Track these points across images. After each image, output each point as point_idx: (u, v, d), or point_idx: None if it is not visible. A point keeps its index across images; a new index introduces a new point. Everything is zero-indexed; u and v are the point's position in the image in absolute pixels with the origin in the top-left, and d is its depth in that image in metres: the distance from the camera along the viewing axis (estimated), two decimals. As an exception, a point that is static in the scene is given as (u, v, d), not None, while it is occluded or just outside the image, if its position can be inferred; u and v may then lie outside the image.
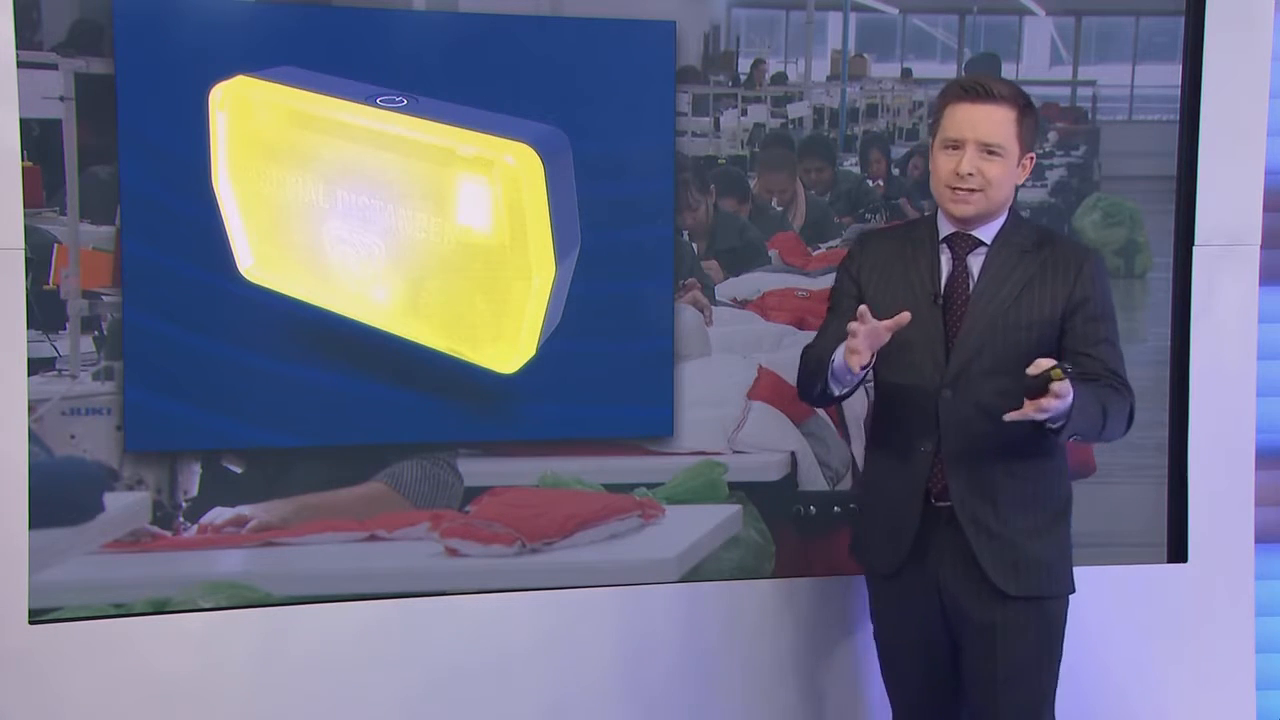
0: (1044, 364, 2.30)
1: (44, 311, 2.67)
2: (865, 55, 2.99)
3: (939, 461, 2.53)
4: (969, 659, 2.58)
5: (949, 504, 2.53)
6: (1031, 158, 2.56)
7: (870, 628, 2.76)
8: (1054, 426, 2.36)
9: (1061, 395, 2.29)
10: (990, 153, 2.49)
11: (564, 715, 2.93)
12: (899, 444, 2.59)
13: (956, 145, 2.51)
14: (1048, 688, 2.60)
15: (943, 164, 2.53)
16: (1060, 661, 2.61)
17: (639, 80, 2.84)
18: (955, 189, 2.51)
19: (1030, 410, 2.31)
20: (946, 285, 2.56)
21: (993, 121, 2.48)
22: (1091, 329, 2.53)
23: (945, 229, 2.59)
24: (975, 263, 2.56)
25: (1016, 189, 2.60)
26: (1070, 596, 2.61)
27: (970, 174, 2.49)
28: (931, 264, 2.57)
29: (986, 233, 2.56)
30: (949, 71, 3.01)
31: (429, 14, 2.80)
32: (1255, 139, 3.08)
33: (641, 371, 2.90)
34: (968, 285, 2.55)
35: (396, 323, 2.78)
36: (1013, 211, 2.60)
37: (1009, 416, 2.34)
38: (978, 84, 2.51)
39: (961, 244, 2.57)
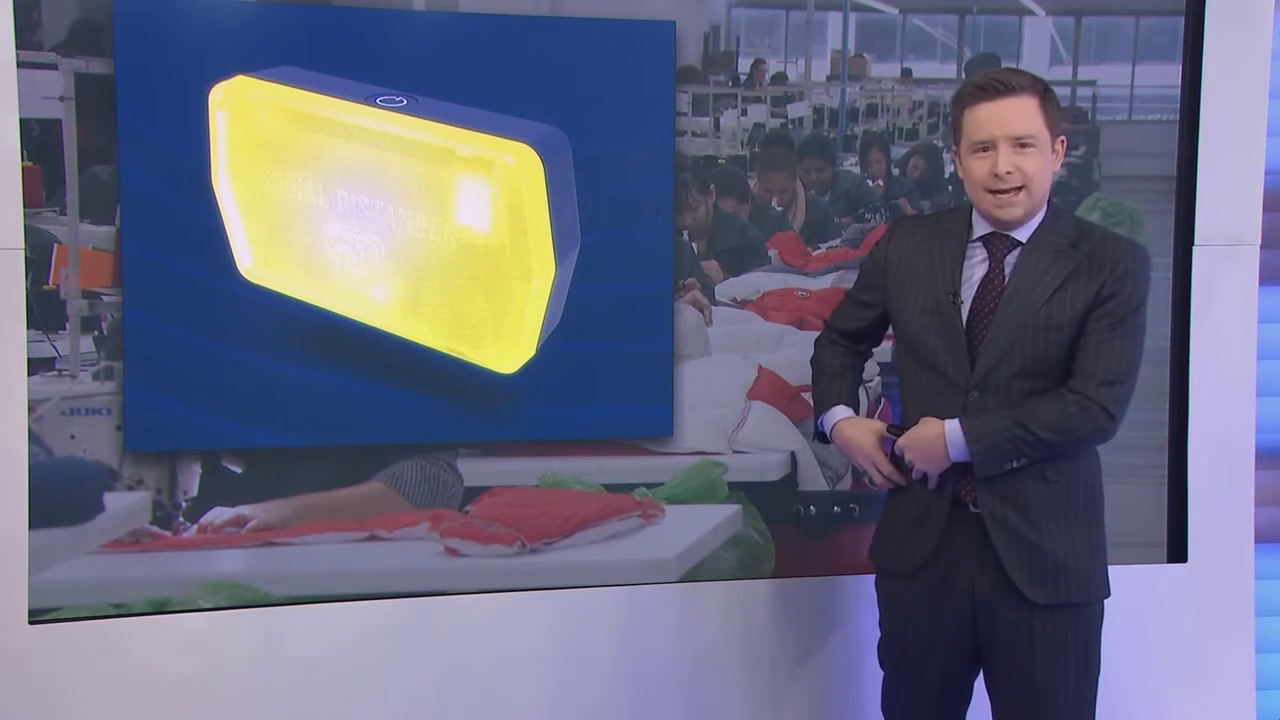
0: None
1: (44, 311, 2.67)
2: (865, 55, 2.99)
3: (968, 466, 2.44)
4: (1002, 670, 2.50)
5: (979, 510, 2.46)
6: (1063, 141, 2.47)
7: (872, 629, 2.74)
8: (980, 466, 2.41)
9: (905, 449, 2.46)
10: (1023, 146, 2.39)
11: (564, 715, 2.93)
12: None
13: (986, 147, 2.41)
14: (1088, 699, 2.51)
15: (976, 169, 2.43)
16: (1099, 671, 2.53)
17: (639, 80, 2.84)
18: (997, 193, 2.41)
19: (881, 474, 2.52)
20: (980, 286, 2.47)
21: (1019, 113, 2.39)
22: (1102, 324, 2.41)
23: (981, 228, 2.49)
24: (1012, 263, 2.46)
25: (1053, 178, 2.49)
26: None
27: (1009, 172, 2.39)
28: (955, 261, 2.49)
29: (1023, 233, 2.46)
30: (949, 71, 3.01)
31: (429, 14, 2.80)
32: (1255, 139, 3.08)
33: (641, 371, 2.90)
34: (1001, 287, 2.45)
35: (396, 323, 2.78)
36: (1051, 206, 2.50)
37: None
38: (994, 80, 2.41)
39: (998, 245, 2.47)
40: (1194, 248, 3.09)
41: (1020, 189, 2.41)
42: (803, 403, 2.98)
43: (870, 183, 3.01)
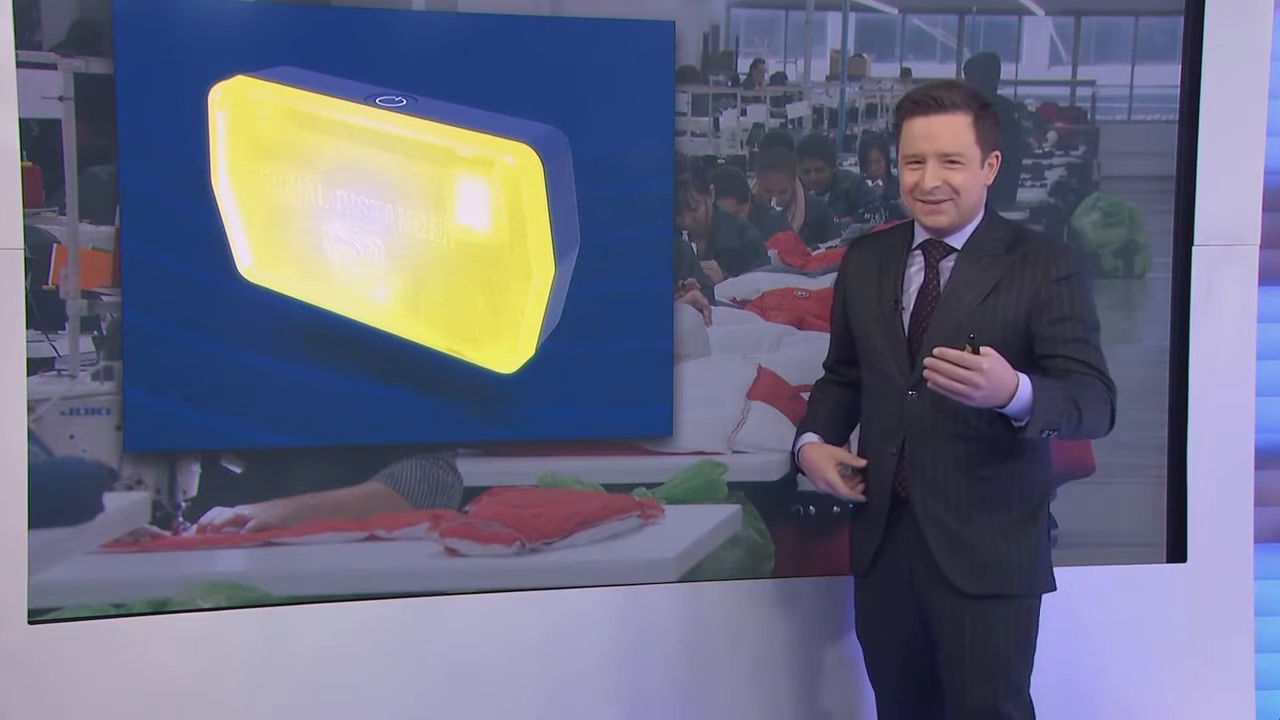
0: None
1: (43, 311, 2.67)
2: (865, 55, 2.99)
3: (903, 462, 2.55)
4: (944, 651, 2.59)
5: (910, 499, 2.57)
6: (997, 155, 2.54)
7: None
8: (1018, 424, 2.36)
9: (970, 366, 2.28)
10: (952, 162, 2.48)
11: (564, 715, 2.93)
12: (873, 446, 2.64)
13: (918, 160, 2.50)
14: (1018, 683, 2.58)
15: (908, 179, 2.53)
16: (1033, 656, 2.59)
17: (638, 80, 2.84)
18: (925, 201, 2.50)
19: (942, 383, 2.31)
20: (919, 292, 2.56)
21: (949, 132, 2.47)
22: (1058, 330, 2.48)
23: (920, 236, 2.59)
24: (947, 269, 2.55)
25: (989, 189, 2.58)
26: (1051, 595, 2.61)
27: (936, 187, 2.48)
28: (898, 270, 2.59)
29: (959, 239, 2.55)
30: (948, 71, 3.01)
31: (429, 14, 2.80)
32: (1255, 139, 3.08)
33: (641, 371, 2.90)
34: (937, 291, 2.54)
35: (396, 323, 2.78)
36: (989, 212, 2.58)
37: (931, 384, 2.33)
38: (928, 96, 2.50)
39: (934, 251, 2.56)
40: (1194, 248, 3.09)
41: (947, 200, 2.50)
42: (802, 403, 2.98)
43: (869, 182, 3.01)
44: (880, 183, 3.01)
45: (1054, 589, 2.61)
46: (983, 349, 2.32)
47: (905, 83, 2.99)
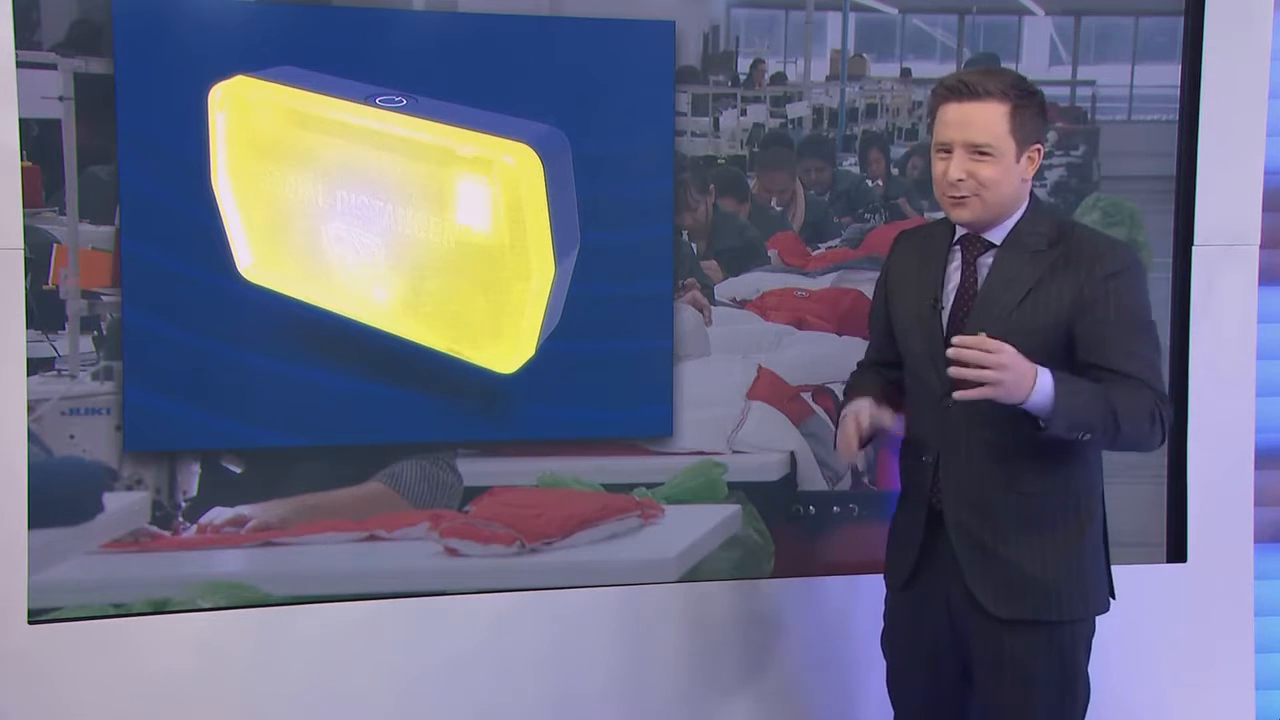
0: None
1: (43, 311, 2.67)
2: (865, 55, 2.99)
3: (938, 474, 2.42)
4: (978, 681, 2.45)
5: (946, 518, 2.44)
6: (1039, 148, 2.37)
7: (872, 629, 2.75)
8: (1043, 423, 2.21)
9: (992, 350, 2.14)
10: (980, 154, 2.32)
11: (564, 715, 2.93)
12: (910, 454, 2.51)
13: (946, 149, 2.35)
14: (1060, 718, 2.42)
15: (936, 168, 2.38)
16: (1084, 694, 2.45)
17: (638, 80, 2.84)
18: (950, 195, 2.36)
19: (969, 374, 2.16)
20: (957, 290, 2.41)
21: (981, 121, 2.31)
22: (1100, 333, 2.30)
23: (960, 230, 2.44)
24: (985, 266, 2.40)
25: (1032, 182, 2.42)
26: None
27: (961, 179, 2.33)
28: (938, 267, 2.44)
29: (998, 234, 2.39)
30: (948, 71, 3.01)
31: (429, 14, 2.80)
32: (1255, 139, 3.08)
33: (641, 371, 2.90)
34: (975, 290, 2.40)
35: (396, 323, 2.78)
36: (1032, 205, 2.41)
37: (958, 395, 2.18)
38: (962, 82, 2.34)
39: (973, 247, 2.41)
40: (1194, 248, 3.09)
41: (973, 195, 2.35)
42: (802, 403, 2.98)
43: (869, 183, 3.01)
44: (880, 183, 3.01)
45: (1105, 610, 2.45)
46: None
47: (905, 83, 2.99)
